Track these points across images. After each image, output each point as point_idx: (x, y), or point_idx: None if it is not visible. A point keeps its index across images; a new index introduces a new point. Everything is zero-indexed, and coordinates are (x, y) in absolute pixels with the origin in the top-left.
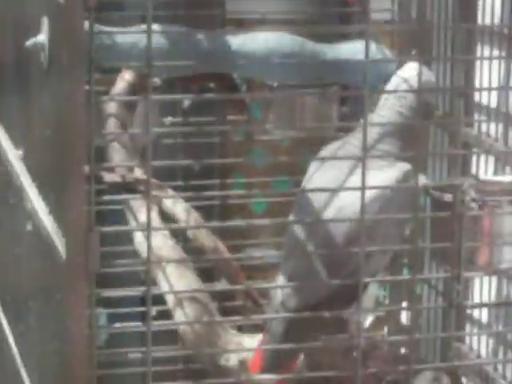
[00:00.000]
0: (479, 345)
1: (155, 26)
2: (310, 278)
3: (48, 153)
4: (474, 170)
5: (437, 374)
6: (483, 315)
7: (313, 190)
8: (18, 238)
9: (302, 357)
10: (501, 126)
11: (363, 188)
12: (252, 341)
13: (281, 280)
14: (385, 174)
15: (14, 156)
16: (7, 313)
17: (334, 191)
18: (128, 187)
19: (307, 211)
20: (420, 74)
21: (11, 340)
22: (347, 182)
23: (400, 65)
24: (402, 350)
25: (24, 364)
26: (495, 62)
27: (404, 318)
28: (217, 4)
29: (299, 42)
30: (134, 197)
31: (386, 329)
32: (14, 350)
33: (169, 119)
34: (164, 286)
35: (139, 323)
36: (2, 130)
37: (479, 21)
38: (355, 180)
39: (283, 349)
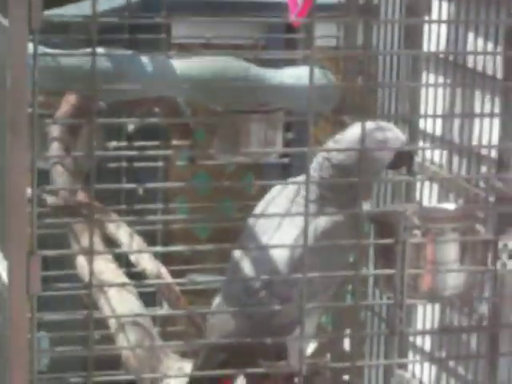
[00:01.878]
0: (422, 372)
1: (100, 49)
2: (249, 304)
3: None
4: (417, 196)
5: None
6: (426, 342)
7: (260, 216)
8: None
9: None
10: (445, 154)
11: (307, 215)
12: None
13: (217, 302)
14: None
15: None
16: None
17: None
18: (71, 211)
19: (253, 241)
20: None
21: None
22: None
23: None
24: (345, 377)
25: None
26: (440, 90)
27: (347, 344)
28: (162, 28)
29: (244, 67)
30: (76, 220)
31: (328, 355)
32: None
33: (113, 143)
34: (106, 310)
35: (81, 347)
36: None
37: (425, 48)
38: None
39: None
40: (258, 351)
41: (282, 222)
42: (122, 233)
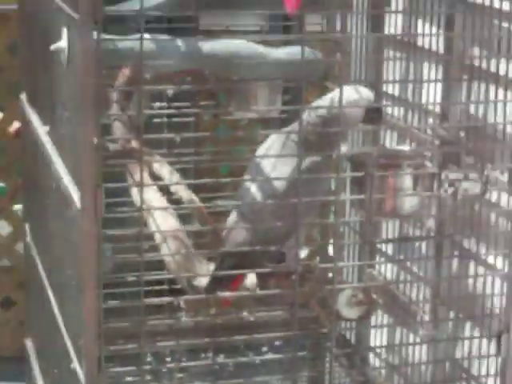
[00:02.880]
0: (385, 271)
1: (146, 35)
2: (258, 219)
3: (67, 128)
4: (381, 141)
5: (354, 291)
6: (389, 249)
7: (262, 157)
8: (46, 194)
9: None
10: (402, 110)
11: (299, 156)
12: None
13: (232, 219)
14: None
15: (42, 131)
16: (38, 247)
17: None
18: (126, 154)
19: (257, 173)
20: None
21: (41, 268)
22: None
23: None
24: (330, 275)
25: (50, 286)
26: (398, 63)
27: (331, 251)
28: (192, 18)
29: (253, 47)
30: (130, 161)
31: (317, 258)
32: (43, 275)
33: (157, 104)
34: (153, 227)
35: (135, 255)
36: (34, 111)
37: (386, 31)
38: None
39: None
40: (263, 256)
41: (277, 160)
42: (164, 170)
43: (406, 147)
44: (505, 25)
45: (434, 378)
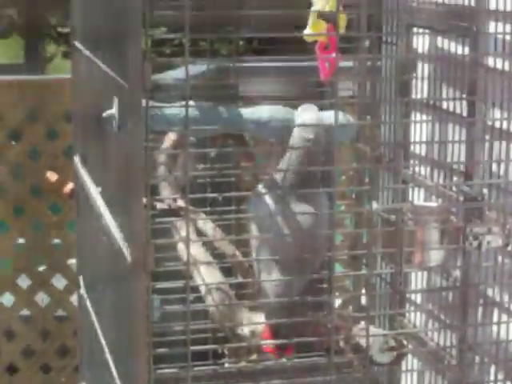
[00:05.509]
0: (415, 319)
1: (191, 102)
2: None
3: (118, 189)
4: (410, 198)
5: (386, 338)
6: (418, 298)
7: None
8: (98, 249)
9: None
10: (428, 169)
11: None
12: (257, 317)
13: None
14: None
15: (95, 191)
16: (91, 299)
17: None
18: (173, 213)
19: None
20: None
21: (94, 318)
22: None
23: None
24: (362, 323)
25: (103, 334)
26: (424, 124)
27: (363, 300)
28: (233, 86)
29: (290, 111)
30: (177, 219)
31: (350, 307)
32: (96, 325)
33: (201, 165)
34: (198, 280)
35: (181, 305)
36: (87, 172)
37: (413, 95)
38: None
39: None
40: (301, 305)
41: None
42: (208, 227)
43: (432, 203)
44: None
45: None
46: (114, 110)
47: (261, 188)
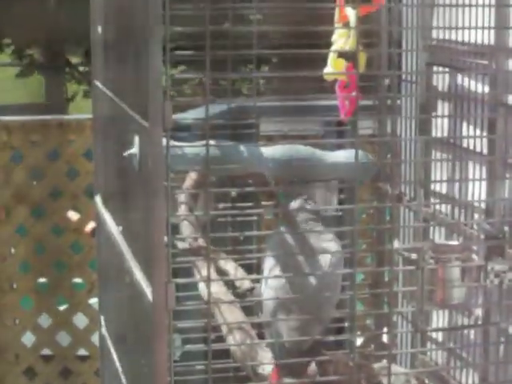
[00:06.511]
0: (437, 357)
1: (211, 141)
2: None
3: (139, 227)
4: (431, 236)
5: (408, 376)
6: (439, 336)
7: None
8: (120, 288)
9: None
10: (449, 207)
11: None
12: None
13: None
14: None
15: (116, 230)
16: (112, 338)
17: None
18: (194, 252)
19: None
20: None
21: (115, 357)
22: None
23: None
24: (384, 361)
25: (124, 374)
26: (444, 163)
27: (385, 338)
28: (253, 125)
29: (310, 151)
30: (198, 258)
31: (372, 346)
32: (117, 364)
33: (221, 205)
34: (219, 319)
35: (203, 345)
36: (108, 213)
37: (433, 134)
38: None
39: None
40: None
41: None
42: (229, 266)
43: (454, 242)
44: None
45: None
46: (134, 150)
47: (282, 227)
